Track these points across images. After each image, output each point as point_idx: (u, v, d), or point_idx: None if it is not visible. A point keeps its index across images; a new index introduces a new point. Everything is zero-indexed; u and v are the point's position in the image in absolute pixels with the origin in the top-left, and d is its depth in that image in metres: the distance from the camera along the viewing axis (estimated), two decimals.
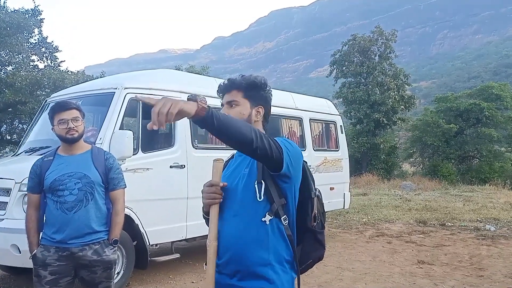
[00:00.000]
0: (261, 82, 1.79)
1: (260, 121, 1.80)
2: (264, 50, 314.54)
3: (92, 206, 2.55)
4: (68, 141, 2.59)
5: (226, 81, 1.81)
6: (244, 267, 1.64)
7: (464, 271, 5.70)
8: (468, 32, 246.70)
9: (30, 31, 19.45)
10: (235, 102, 1.76)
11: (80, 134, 2.61)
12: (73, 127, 2.56)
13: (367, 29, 32.01)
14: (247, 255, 1.63)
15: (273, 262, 1.63)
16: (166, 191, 5.13)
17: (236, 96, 1.76)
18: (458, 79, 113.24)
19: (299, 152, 1.69)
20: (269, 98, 1.83)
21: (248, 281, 1.63)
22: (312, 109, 7.88)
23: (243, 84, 1.77)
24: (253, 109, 1.77)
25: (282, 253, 1.66)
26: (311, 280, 5.18)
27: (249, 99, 1.77)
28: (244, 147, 1.50)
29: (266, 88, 1.80)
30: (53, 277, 2.49)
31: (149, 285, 5.05)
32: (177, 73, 6.80)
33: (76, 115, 2.60)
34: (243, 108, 1.76)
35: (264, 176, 1.64)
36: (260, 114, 1.79)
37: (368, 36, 26.39)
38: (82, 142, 2.67)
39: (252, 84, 1.77)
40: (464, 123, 24.22)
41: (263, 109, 1.80)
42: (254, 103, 1.78)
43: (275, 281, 1.62)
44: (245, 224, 1.65)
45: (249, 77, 1.80)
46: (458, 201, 13.30)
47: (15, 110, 18.37)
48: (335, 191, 7.88)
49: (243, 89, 1.77)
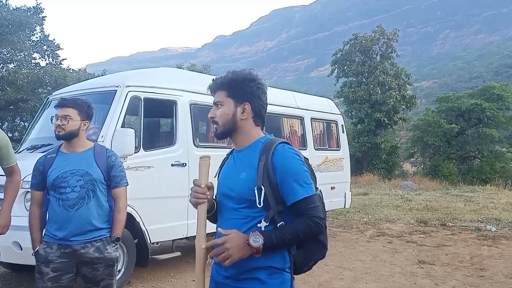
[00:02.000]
0: (244, 77, 1.71)
1: (248, 118, 1.72)
2: (265, 49, 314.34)
3: (93, 204, 2.56)
4: (56, 138, 2.64)
5: (212, 81, 1.77)
6: (238, 269, 1.63)
7: (465, 271, 5.70)
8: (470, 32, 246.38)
9: (32, 29, 19.49)
10: (219, 103, 1.73)
11: (68, 132, 2.58)
12: (60, 125, 2.58)
13: (368, 28, 31.99)
14: (239, 260, 1.60)
15: (267, 267, 1.62)
16: (167, 189, 5.13)
17: (220, 96, 1.73)
18: (460, 79, 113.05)
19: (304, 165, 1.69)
20: (256, 93, 1.72)
21: (241, 282, 1.63)
22: (313, 108, 7.87)
23: (224, 83, 1.72)
24: (237, 107, 1.71)
25: (277, 259, 1.64)
26: (311, 279, 5.19)
27: (233, 97, 1.71)
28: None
29: (251, 83, 1.71)
30: (55, 274, 2.50)
31: (150, 283, 5.06)
32: (179, 72, 6.80)
33: (68, 113, 2.59)
34: (227, 108, 1.72)
35: (263, 182, 1.62)
36: (246, 111, 1.72)
37: (370, 36, 26.36)
38: (85, 139, 2.67)
39: (233, 81, 1.71)
40: (465, 123, 24.18)
41: (249, 105, 1.71)
42: (238, 101, 1.71)
43: (266, 282, 1.61)
44: (240, 227, 1.63)
45: (232, 73, 1.74)
46: (459, 201, 13.29)
47: (17, 108, 18.41)
48: (336, 190, 7.88)
49: (225, 87, 1.72)
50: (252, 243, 1.52)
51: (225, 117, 1.71)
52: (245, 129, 1.73)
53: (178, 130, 5.37)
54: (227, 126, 1.72)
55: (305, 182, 1.63)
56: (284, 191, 1.62)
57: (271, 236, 1.56)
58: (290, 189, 1.61)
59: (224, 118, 1.71)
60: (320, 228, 1.61)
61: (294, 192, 1.61)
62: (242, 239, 1.54)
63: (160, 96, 5.29)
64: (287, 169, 1.63)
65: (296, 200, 1.60)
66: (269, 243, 1.54)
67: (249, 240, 1.53)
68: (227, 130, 1.73)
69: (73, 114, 2.60)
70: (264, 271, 1.61)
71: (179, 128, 5.38)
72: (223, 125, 1.72)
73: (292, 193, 1.61)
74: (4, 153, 2.72)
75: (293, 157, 1.66)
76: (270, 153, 1.64)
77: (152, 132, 6.14)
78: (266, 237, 1.54)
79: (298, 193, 1.60)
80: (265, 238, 1.54)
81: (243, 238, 1.55)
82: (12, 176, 2.83)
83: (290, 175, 1.62)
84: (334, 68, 27.08)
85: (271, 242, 1.55)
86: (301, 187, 1.61)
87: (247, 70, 1.75)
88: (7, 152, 2.74)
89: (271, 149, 1.66)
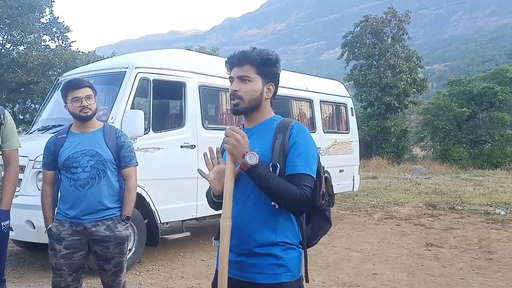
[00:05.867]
0: (275, 59, 1.73)
1: (269, 98, 1.76)
2: (275, 32, 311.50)
3: (104, 183, 2.59)
4: (81, 119, 2.62)
5: (238, 53, 1.74)
6: (252, 246, 1.66)
7: (472, 254, 5.71)
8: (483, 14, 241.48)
9: (41, 11, 19.50)
10: (247, 78, 1.70)
11: (94, 112, 2.63)
12: (87, 105, 2.59)
13: (379, 10, 31.51)
14: (255, 237, 1.65)
15: (280, 243, 1.65)
16: (176, 170, 5.18)
17: (249, 72, 1.70)
18: (472, 62, 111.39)
19: (316, 151, 1.71)
20: (279, 75, 1.77)
21: (255, 258, 1.66)
22: (322, 91, 7.83)
23: (257, 60, 1.70)
24: (265, 86, 1.73)
25: (290, 236, 1.67)
26: (319, 260, 5.24)
27: (262, 75, 1.72)
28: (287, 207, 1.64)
29: (278, 65, 1.75)
30: (67, 251, 2.55)
31: (160, 262, 5.14)
32: (188, 53, 6.78)
33: (89, 93, 2.62)
34: (256, 84, 1.71)
35: (278, 159, 1.64)
36: (270, 92, 1.75)
37: (381, 18, 26.02)
38: (95, 119, 2.70)
39: (267, 61, 1.72)
40: (476, 107, 23.93)
41: (273, 86, 1.75)
42: (266, 80, 1.72)
43: (282, 257, 1.64)
44: (254, 205, 1.66)
45: (263, 52, 1.73)
46: (469, 185, 13.22)
47: (27, 90, 18.56)
48: (344, 173, 7.89)
49: (257, 65, 1.70)
50: (247, 159, 1.58)
51: (253, 94, 1.70)
52: (265, 108, 1.76)
53: (187, 111, 5.39)
54: (252, 103, 1.71)
55: (309, 162, 1.66)
56: (288, 161, 1.65)
57: (263, 168, 1.60)
58: (293, 162, 1.64)
59: (252, 95, 1.70)
60: (302, 203, 1.60)
61: (295, 165, 1.63)
62: (243, 150, 1.59)
63: (169, 77, 5.29)
64: (299, 144, 1.65)
65: (294, 172, 1.63)
66: (257, 171, 1.58)
67: (246, 156, 1.58)
68: (252, 106, 1.72)
69: (92, 94, 2.64)
70: (279, 247, 1.65)
71: (188, 110, 5.39)
72: (249, 102, 1.71)
73: (293, 165, 1.64)
74: (6, 133, 2.67)
75: (309, 136, 1.70)
76: (287, 132, 1.67)
77: (161, 113, 6.16)
78: (260, 163, 1.59)
79: (297, 167, 1.63)
80: (258, 163, 1.58)
81: (244, 149, 1.59)
82: (9, 168, 2.68)
83: (299, 150, 1.65)
84: (345, 50, 26.85)
85: (259, 171, 1.58)
86: (303, 163, 1.64)
87: (273, 52, 1.77)
88: (8, 133, 2.68)
89: (288, 127, 1.68)
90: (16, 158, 2.72)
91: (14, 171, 2.71)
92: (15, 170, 2.72)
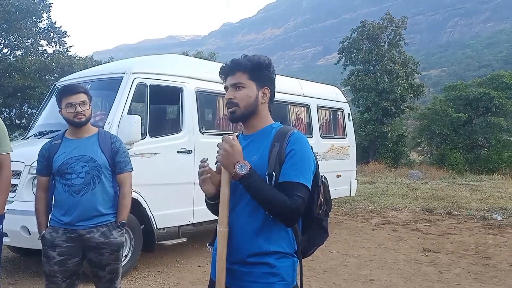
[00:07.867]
0: (266, 62, 1.73)
1: (266, 103, 1.75)
2: (272, 37, 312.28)
3: (99, 189, 2.58)
4: (75, 125, 2.61)
5: (229, 62, 1.75)
6: (244, 256, 1.64)
7: (469, 260, 5.70)
8: (480, 20, 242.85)
9: (39, 16, 19.50)
10: (240, 84, 1.70)
11: (88, 118, 2.62)
12: (81, 111, 2.58)
13: (376, 16, 31.64)
14: (248, 246, 1.63)
15: (276, 252, 1.63)
16: (173, 176, 5.16)
17: (241, 78, 1.70)
18: (468, 68, 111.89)
19: (313, 161, 1.68)
20: (273, 79, 1.76)
21: (249, 266, 1.64)
22: (319, 96, 7.84)
23: (248, 65, 1.70)
24: (259, 91, 1.72)
25: (284, 246, 1.65)
26: (316, 266, 5.22)
27: (255, 80, 1.71)
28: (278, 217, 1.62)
29: (270, 68, 1.74)
30: (61, 258, 2.53)
31: (156, 268, 5.12)
32: (186, 59, 6.78)
33: (84, 99, 2.61)
34: (250, 90, 1.70)
35: (274, 168, 1.62)
36: (266, 96, 1.74)
37: (378, 23, 26.13)
38: (89, 125, 2.68)
39: (257, 65, 1.71)
40: (473, 112, 24.01)
41: (269, 90, 1.74)
42: (260, 85, 1.72)
43: (276, 265, 1.62)
44: (249, 214, 1.64)
45: (253, 57, 1.73)
46: (465, 190, 13.24)
47: (24, 94, 18.51)
48: (341, 178, 7.89)
49: (249, 70, 1.70)
50: (237, 170, 1.57)
51: (248, 100, 1.69)
52: (263, 113, 1.75)
53: (184, 117, 5.38)
54: (248, 109, 1.71)
55: (304, 172, 1.63)
56: (282, 169, 1.62)
57: (254, 177, 1.58)
58: (287, 170, 1.62)
59: (247, 101, 1.69)
60: (291, 213, 1.58)
61: (288, 173, 1.61)
62: (234, 159, 1.59)
63: (166, 83, 5.29)
64: (296, 153, 1.63)
65: (286, 180, 1.60)
66: (248, 180, 1.57)
67: (236, 166, 1.57)
68: (248, 112, 1.71)
69: (87, 99, 2.63)
70: (273, 255, 1.63)
71: (185, 115, 5.39)
72: (245, 107, 1.70)
73: (286, 174, 1.61)
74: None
75: (306, 146, 1.67)
76: (285, 140, 1.65)
77: (158, 119, 6.16)
78: (251, 173, 1.58)
79: (291, 175, 1.61)
80: (249, 173, 1.57)
81: (236, 159, 1.59)
82: (2, 172, 2.66)
83: (294, 159, 1.62)
84: (342, 56, 26.91)
85: (250, 181, 1.57)
86: (298, 172, 1.61)
87: (264, 56, 1.76)
88: (0, 137, 2.66)
89: (286, 136, 1.66)
90: (8, 162, 2.71)
91: (7, 176, 2.70)
92: (8, 174, 2.71)
